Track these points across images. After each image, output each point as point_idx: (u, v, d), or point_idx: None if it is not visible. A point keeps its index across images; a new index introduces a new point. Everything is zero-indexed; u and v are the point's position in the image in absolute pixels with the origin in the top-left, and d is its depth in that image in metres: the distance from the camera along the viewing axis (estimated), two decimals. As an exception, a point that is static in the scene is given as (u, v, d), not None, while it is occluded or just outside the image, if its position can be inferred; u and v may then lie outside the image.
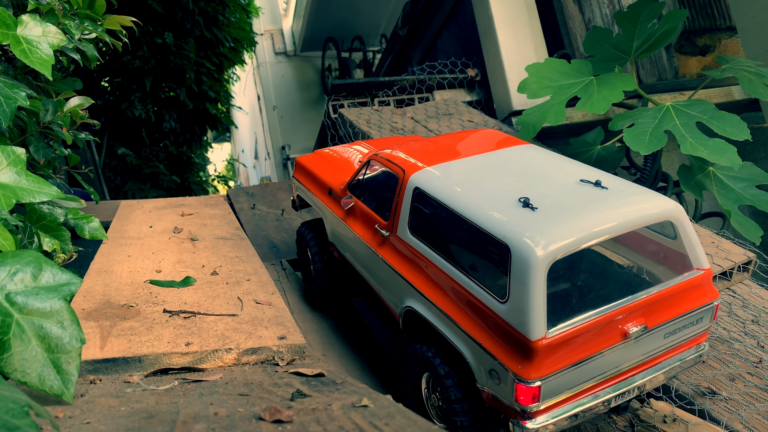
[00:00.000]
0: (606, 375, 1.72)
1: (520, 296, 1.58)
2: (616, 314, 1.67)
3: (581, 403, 1.71)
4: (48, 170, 2.21)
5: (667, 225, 1.84)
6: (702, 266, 1.86)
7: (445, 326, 1.84)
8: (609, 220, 1.69)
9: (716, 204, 3.50)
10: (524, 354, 1.58)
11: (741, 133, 3.19)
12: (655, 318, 1.75)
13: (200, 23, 9.26)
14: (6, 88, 1.69)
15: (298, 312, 2.78)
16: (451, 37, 6.43)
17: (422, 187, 2.04)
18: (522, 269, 1.58)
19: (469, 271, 1.79)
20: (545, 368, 1.58)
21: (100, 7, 2.41)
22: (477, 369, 1.73)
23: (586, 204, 1.76)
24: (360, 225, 2.38)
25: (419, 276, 1.99)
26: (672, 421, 2.06)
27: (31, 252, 1.24)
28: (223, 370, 1.80)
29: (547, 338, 1.57)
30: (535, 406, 1.61)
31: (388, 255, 2.16)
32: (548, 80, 3.84)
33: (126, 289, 2.30)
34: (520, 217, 1.69)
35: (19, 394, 0.93)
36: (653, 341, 1.79)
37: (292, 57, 17.72)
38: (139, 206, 3.91)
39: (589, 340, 1.64)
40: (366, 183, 2.42)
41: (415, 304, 1.99)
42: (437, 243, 1.94)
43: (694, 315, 1.84)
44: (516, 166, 2.09)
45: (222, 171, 23.34)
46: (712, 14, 6.09)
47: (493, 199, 1.83)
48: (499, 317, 1.65)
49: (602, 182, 1.88)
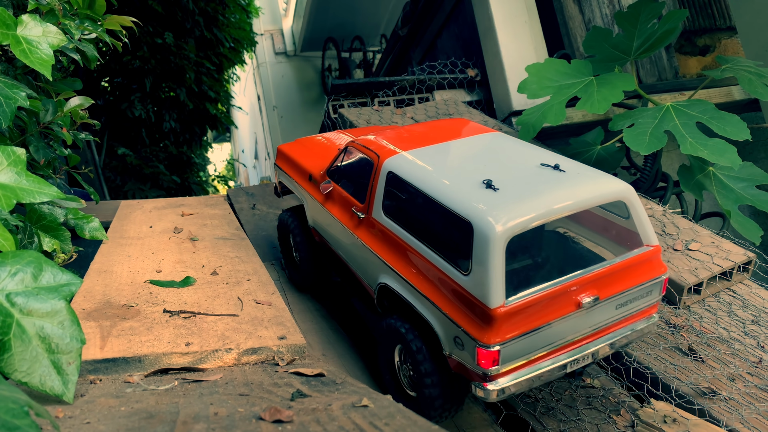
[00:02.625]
0: (562, 342, 1.86)
1: (481, 268, 1.72)
2: (569, 286, 1.81)
3: (539, 367, 1.85)
4: (48, 170, 2.21)
5: (621, 205, 1.97)
6: (651, 243, 2.00)
7: (415, 299, 1.98)
8: (564, 199, 1.84)
9: (716, 204, 3.50)
10: (485, 321, 1.73)
11: (741, 133, 3.19)
12: (606, 290, 1.88)
13: (200, 23, 9.25)
14: (6, 89, 1.69)
15: (298, 312, 2.78)
16: (451, 37, 6.43)
17: (395, 171, 2.18)
18: (483, 244, 1.73)
19: (436, 247, 1.93)
20: (504, 334, 1.72)
21: (100, 8, 2.41)
22: (443, 337, 1.87)
23: (544, 185, 1.91)
24: (338, 208, 2.50)
25: (392, 254, 2.12)
26: (672, 421, 2.06)
27: (32, 252, 1.25)
28: (223, 370, 1.80)
29: (505, 306, 1.71)
30: (495, 370, 1.75)
31: (364, 236, 2.29)
32: (548, 80, 3.84)
33: (126, 289, 2.30)
34: (483, 198, 1.84)
35: (20, 394, 0.94)
36: (605, 311, 1.92)
37: (292, 57, 17.71)
38: (139, 206, 3.91)
39: (544, 309, 1.78)
40: (343, 168, 2.54)
41: (388, 280, 2.13)
42: (409, 223, 2.08)
43: (643, 288, 1.98)
44: (482, 152, 2.23)
45: (222, 171, 23.32)
46: (712, 14, 6.09)
47: (459, 181, 1.97)
48: (463, 288, 1.79)
49: (561, 166, 2.03)
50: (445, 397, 1.94)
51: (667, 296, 2.87)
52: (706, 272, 2.89)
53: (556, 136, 5.07)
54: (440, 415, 2.00)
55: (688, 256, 3.01)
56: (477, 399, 2.34)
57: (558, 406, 2.20)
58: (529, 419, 2.14)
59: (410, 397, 2.10)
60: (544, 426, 2.11)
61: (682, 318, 2.72)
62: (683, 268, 2.91)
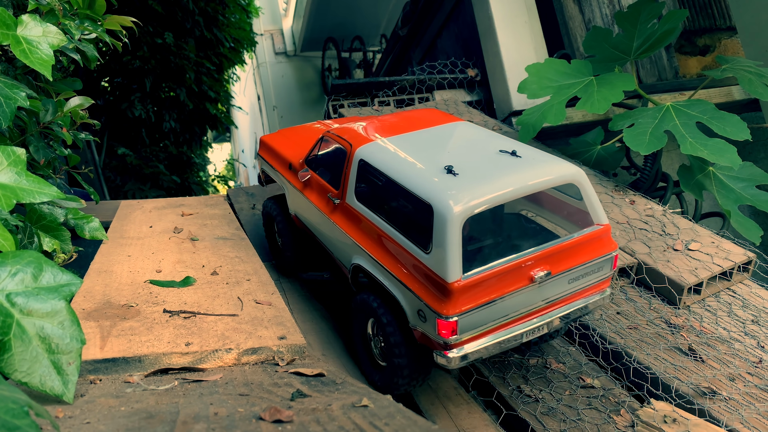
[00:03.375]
0: (517, 313, 2.02)
1: (440, 246, 1.88)
2: (523, 262, 1.96)
3: (496, 337, 2.00)
4: (48, 170, 2.21)
5: (575, 188, 2.12)
6: (601, 222, 2.14)
7: (384, 277, 2.14)
8: (517, 182, 1.99)
9: (716, 204, 3.50)
10: (444, 295, 1.88)
11: (741, 133, 3.19)
12: (558, 265, 2.03)
13: (200, 23, 9.24)
14: (6, 89, 1.69)
15: (298, 312, 2.78)
16: (451, 37, 6.43)
17: (366, 158, 2.32)
18: (441, 224, 1.88)
19: (401, 229, 2.08)
20: (460, 306, 1.87)
21: (100, 8, 2.41)
22: (409, 311, 2.03)
23: (500, 170, 2.06)
24: (315, 195, 2.65)
25: (363, 237, 2.27)
26: (672, 420, 2.06)
27: (32, 252, 1.25)
28: (223, 370, 1.80)
29: (462, 281, 1.86)
30: (455, 339, 1.90)
31: (338, 220, 2.44)
32: (548, 80, 3.84)
33: (126, 289, 2.30)
34: (443, 182, 1.99)
35: (20, 394, 0.94)
36: (558, 285, 2.07)
37: (292, 57, 17.70)
38: (139, 206, 3.91)
39: (499, 283, 1.94)
40: (320, 157, 2.69)
41: (360, 260, 2.29)
42: (378, 207, 2.23)
43: (594, 264, 2.13)
44: (448, 140, 2.38)
45: (222, 171, 23.30)
46: (712, 14, 6.09)
47: (423, 167, 2.12)
48: (425, 266, 1.94)
49: (518, 152, 2.18)
50: (411, 367, 2.10)
51: (667, 296, 2.87)
52: (706, 272, 2.89)
53: (556, 136, 5.06)
54: (408, 383, 2.15)
55: (688, 256, 3.01)
56: (477, 400, 2.34)
57: (558, 407, 2.20)
58: (529, 419, 2.14)
59: (381, 366, 2.26)
60: (545, 426, 2.11)
61: (682, 318, 2.72)
62: (683, 268, 2.91)
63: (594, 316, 2.70)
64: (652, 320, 2.70)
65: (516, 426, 2.19)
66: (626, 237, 3.18)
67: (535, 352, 2.53)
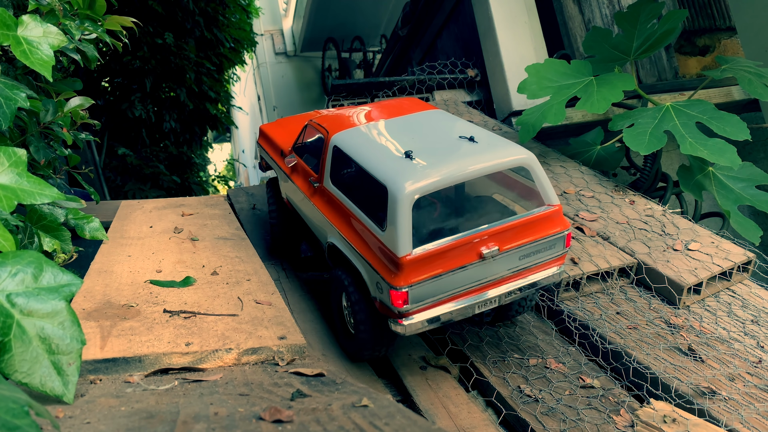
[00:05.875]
0: (468, 287, 2.16)
1: (392, 224, 2.03)
2: (471, 239, 2.09)
3: (447, 308, 2.15)
4: (48, 170, 2.21)
5: (526, 171, 2.26)
6: (552, 203, 2.26)
7: (351, 254, 2.31)
8: (467, 165, 2.13)
9: (716, 204, 3.50)
10: (395, 268, 2.04)
11: (741, 133, 3.19)
12: (507, 242, 2.16)
13: (200, 24, 9.24)
14: (6, 89, 1.69)
15: (298, 312, 2.78)
16: (451, 37, 6.43)
17: (338, 145, 2.48)
18: (393, 203, 2.03)
19: (364, 209, 2.24)
20: (410, 278, 2.02)
21: (101, 8, 2.41)
22: (370, 283, 2.20)
23: (454, 154, 2.20)
24: (300, 179, 2.82)
25: (336, 217, 2.43)
26: (672, 420, 2.06)
27: (32, 252, 1.25)
28: (223, 370, 1.80)
29: (411, 255, 2.01)
30: (406, 308, 2.06)
31: (317, 202, 2.61)
32: (548, 80, 3.84)
33: (126, 289, 2.30)
34: (400, 165, 2.14)
35: (20, 394, 0.94)
36: (509, 261, 2.20)
37: (292, 57, 17.70)
38: (140, 206, 3.91)
39: (448, 258, 2.07)
40: (304, 144, 2.88)
41: (334, 239, 2.45)
42: (347, 189, 2.39)
43: (545, 242, 2.24)
44: (415, 127, 2.53)
45: (222, 171, 23.29)
46: (711, 14, 6.09)
47: (386, 152, 2.28)
48: (381, 242, 2.10)
49: (475, 137, 2.30)
50: (375, 335, 2.28)
51: (667, 296, 2.88)
52: (705, 272, 2.89)
53: (556, 136, 5.07)
54: (373, 349, 2.33)
55: (688, 256, 3.01)
56: (477, 400, 2.34)
57: (558, 406, 2.20)
58: (529, 419, 2.14)
59: (351, 335, 2.42)
60: (545, 426, 2.11)
61: (682, 318, 2.72)
62: (683, 268, 2.91)
63: (594, 316, 2.70)
64: (651, 320, 2.70)
65: (516, 426, 2.19)
66: (626, 237, 3.18)
67: (535, 352, 2.54)
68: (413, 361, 2.50)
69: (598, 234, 3.23)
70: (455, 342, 2.59)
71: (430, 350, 2.60)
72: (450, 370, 2.46)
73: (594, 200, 3.57)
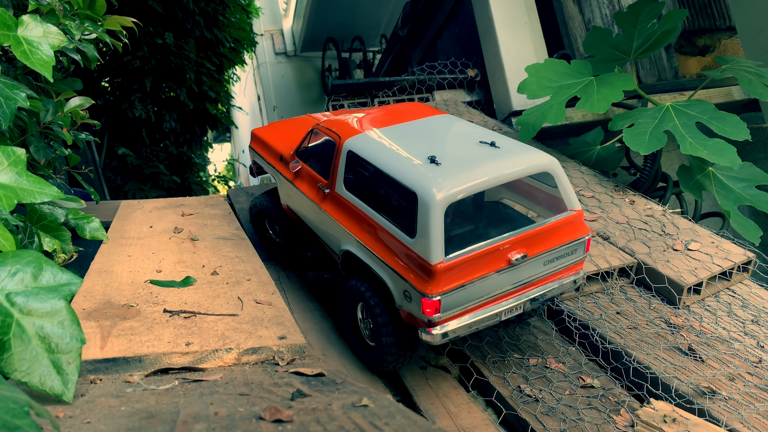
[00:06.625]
0: (496, 293, 2.15)
1: (424, 231, 2.00)
2: (501, 245, 2.08)
3: (476, 315, 2.13)
4: (48, 170, 2.21)
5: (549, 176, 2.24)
6: (574, 208, 2.26)
7: (372, 261, 2.25)
8: (496, 171, 2.12)
9: (716, 204, 3.50)
10: (427, 276, 2.00)
11: (741, 133, 3.19)
12: (533, 248, 2.16)
13: (200, 23, 9.23)
14: (6, 89, 1.69)
15: (298, 312, 2.78)
16: (451, 37, 6.43)
17: (354, 149, 2.42)
18: (425, 210, 1.99)
19: (388, 215, 2.19)
20: (443, 286, 1.99)
21: (101, 8, 2.41)
22: (395, 292, 2.15)
23: (480, 159, 2.17)
24: (306, 185, 2.76)
25: (352, 224, 2.38)
26: (672, 420, 2.06)
27: (32, 252, 1.25)
28: (223, 370, 1.80)
29: (444, 263, 1.98)
30: (438, 317, 2.02)
31: (328, 208, 2.54)
32: (548, 80, 3.84)
33: (126, 289, 2.30)
34: (427, 171, 2.10)
35: (20, 394, 0.94)
36: (534, 267, 2.20)
37: (292, 57, 17.69)
38: (140, 206, 3.91)
39: (479, 264, 2.06)
40: (310, 149, 2.81)
41: (350, 246, 2.39)
42: (366, 196, 2.34)
43: (568, 247, 2.25)
44: (431, 132, 2.50)
45: (222, 171, 23.29)
46: (712, 14, 6.09)
47: (408, 157, 2.23)
48: (410, 249, 2.06)
49: (496, 143, 2.29)
50: (399, 345, 2.23)
51: (667, 296, 2.88)
52: (705, 272, 2.89)
53: (556, 136, 5.07)
54: (396, 360, 2.27)
55: (688, 256, 3.01)
56: (477, 400, 2.34)
57: (558, 406, 2.20)
58: (529, 419, 2.14)
59: (370, 347, 2.38)
60: (545, 426, 2.11)
61: (682, 318, 2.72)
62: (683, 268, 2.91)
63: (594, 316, 2.70)
64: (651, 320, 2.70)
65: (516, 426, 2.19)
66: (626, 237, 3.18)
67: (535, 352, 2.54)
68: (413, 361, 2.50)
69: (598, 234, 3.23)
70: (455, 342, 2.58)
71: (430, 350, 2.60)
72: (450, 370, 2.46)
73: (594, 200, 3.57)
